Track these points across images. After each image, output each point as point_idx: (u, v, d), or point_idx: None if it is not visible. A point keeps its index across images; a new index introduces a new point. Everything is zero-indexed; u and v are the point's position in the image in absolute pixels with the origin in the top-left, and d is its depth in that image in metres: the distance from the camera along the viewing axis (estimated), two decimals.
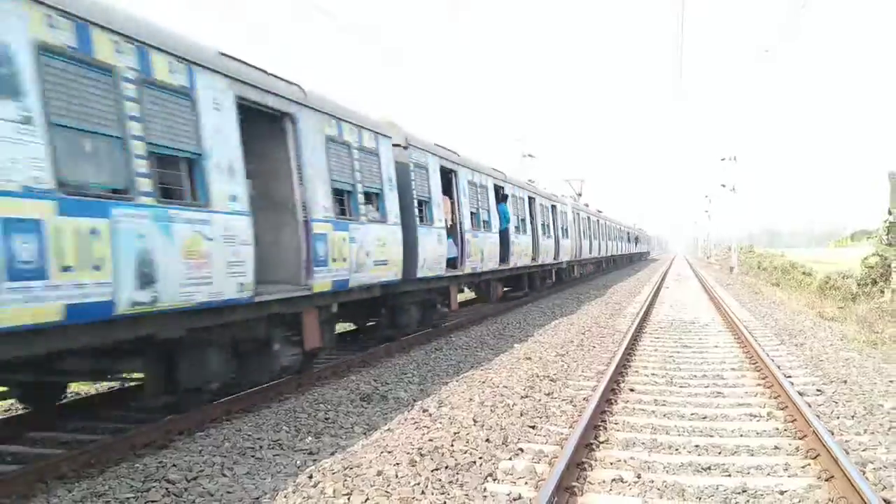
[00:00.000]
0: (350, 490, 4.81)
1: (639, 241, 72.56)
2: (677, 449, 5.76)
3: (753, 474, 5.09)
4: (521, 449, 5.75)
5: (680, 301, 20.64)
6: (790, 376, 8.35)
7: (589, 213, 32.81)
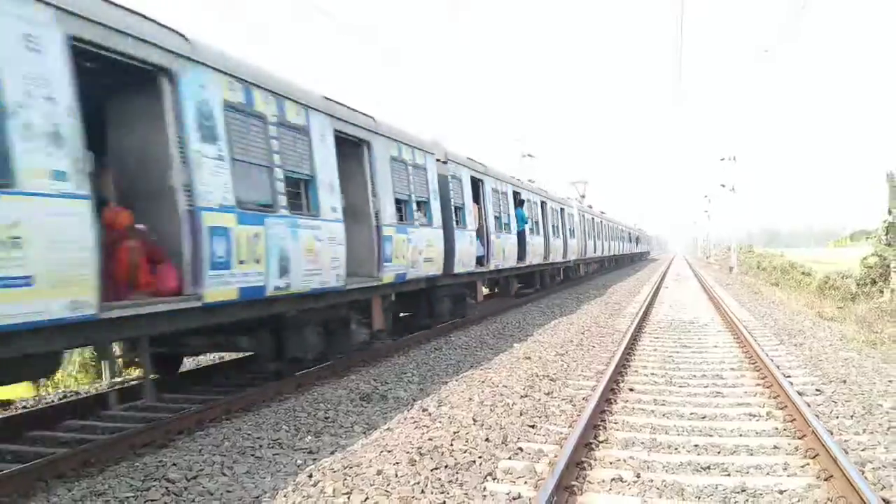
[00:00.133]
0: (350, 489, 4.82)
1: (639, 241, 74.87)
2: (676, 448, 5.76)
3: (753, 474, 5.10)
4: (521, 448, 5.76)
5: (679, 301, 20.65)
6: (789, 376, 8.35)
7: (593, 215, 34.37)
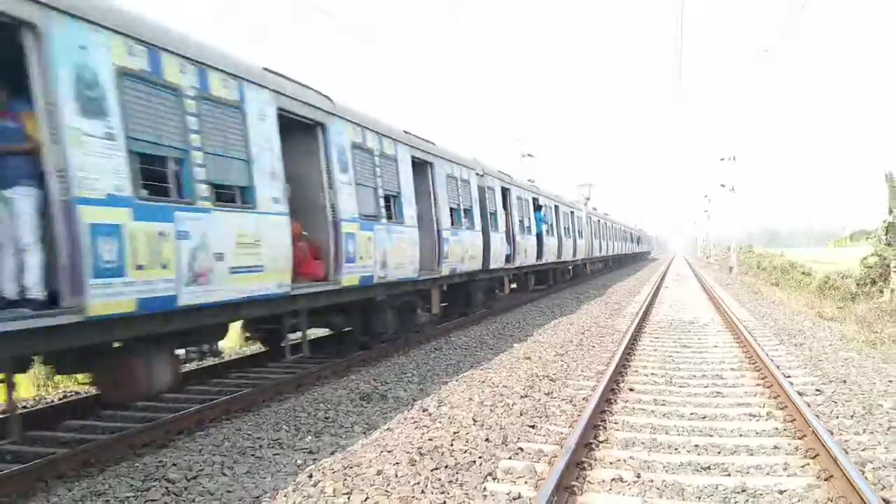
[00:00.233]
0: (350, 489, 4.82)
1: (640, 242, 77.71)
2: (677, 448, 5.76)
3: (753, 474, 5.10)
4: (521, 448, 5.76)
5: (679, 301, 20.65)
6: (789, 376, 8.35)
7: (598, 217, 36.94)
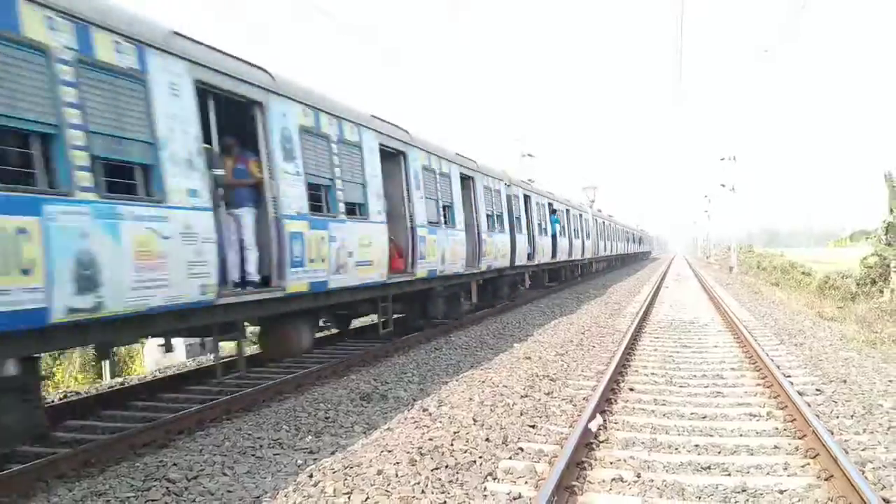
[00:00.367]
0: (350, 489, 4.82)
1: (642, 242, 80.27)
2: (677, 448, 5.76)
3: (753, 473, 5.10)
4: (521, 448, 5.76)
5: (679, 301, 20.66)
6: (789, 376, 8.35)
7: (603, 219, 39.37)
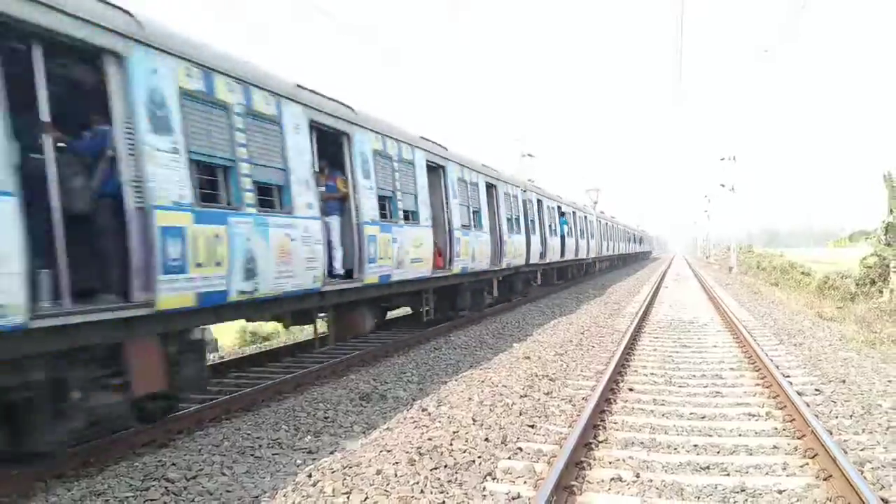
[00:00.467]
0: (349, 489, 4.82)
1: (642, 242, 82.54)
2: (676, 448, 5.76)
3: (752, 473, 5.10)
4: (521, 448, 5.76)
5: (679, 301, 20.66)
6: (789, 376, 8.36)
7: (606, 220, 41.10)
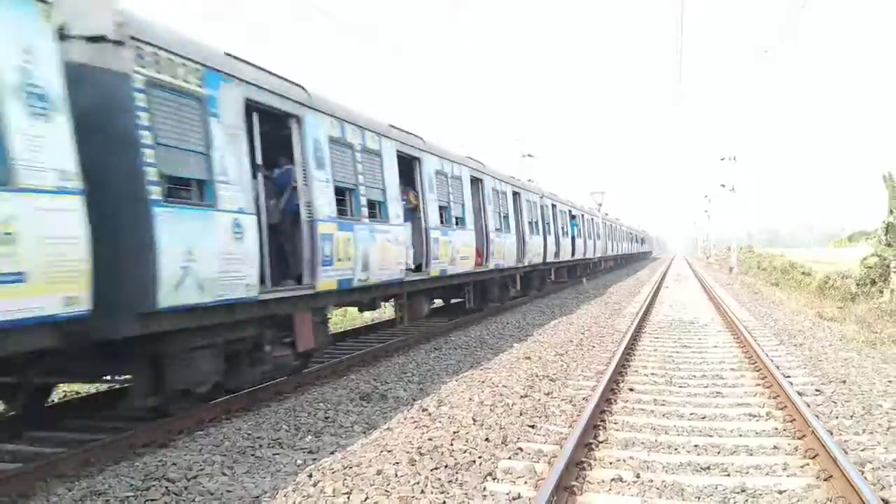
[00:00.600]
0: (350, 489, 4.82)
1: (644, 242, 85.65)
2: (676, 449, 5.77)
3: (752, 474, 5.10)
4: (521, 448, 5.76)
5: (679, 301, 20.66)
6: (789, 376, 8.35)
7: (610, 221, 43.53)
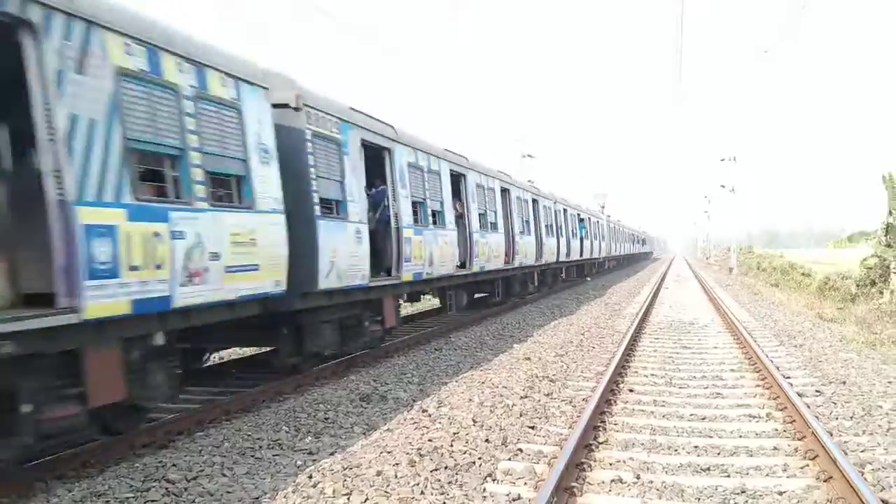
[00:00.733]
0: (349, 490, 4.82)
1: (645, 243, 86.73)
2: (676, 450, 5.76)
3: (752, 475, 5.10)
4: (521, 449, 5.76)
5: (679, 302, 20.66)
6: (789, 377, 8.35)
7: (614, 223, 45.07)
